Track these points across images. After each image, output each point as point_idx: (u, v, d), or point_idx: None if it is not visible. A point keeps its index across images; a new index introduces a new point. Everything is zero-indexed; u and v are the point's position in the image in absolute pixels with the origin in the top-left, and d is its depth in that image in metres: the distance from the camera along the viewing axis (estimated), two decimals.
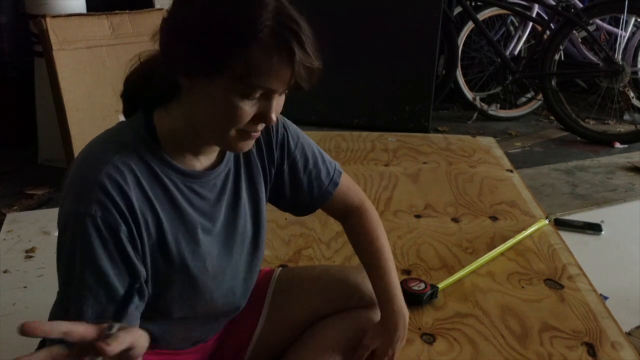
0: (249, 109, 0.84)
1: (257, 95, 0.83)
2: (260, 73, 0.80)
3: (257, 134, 0.89)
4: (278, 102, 0.87)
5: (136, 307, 0.87)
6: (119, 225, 0.84)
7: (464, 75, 3.95)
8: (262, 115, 0.85)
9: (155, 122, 0.91)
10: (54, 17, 2.48)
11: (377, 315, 1.17)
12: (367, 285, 1.18)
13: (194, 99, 0.86)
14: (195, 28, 0.81)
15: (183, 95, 0.89)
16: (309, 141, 1.14)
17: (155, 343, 0.99)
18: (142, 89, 0.93)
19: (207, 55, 0.80)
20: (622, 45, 3.67)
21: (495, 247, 1.70)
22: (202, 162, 0.96)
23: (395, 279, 1.15)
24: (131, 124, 0.92)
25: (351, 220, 1.19)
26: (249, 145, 0.91)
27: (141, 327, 0.95)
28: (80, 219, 0.82)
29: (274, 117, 0.86)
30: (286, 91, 0.87)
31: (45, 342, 1.05)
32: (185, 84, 0.85)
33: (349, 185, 1.19)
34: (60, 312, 0.86)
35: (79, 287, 0.83)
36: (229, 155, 1.01)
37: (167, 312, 0.97)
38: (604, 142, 3.53)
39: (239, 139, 0.88)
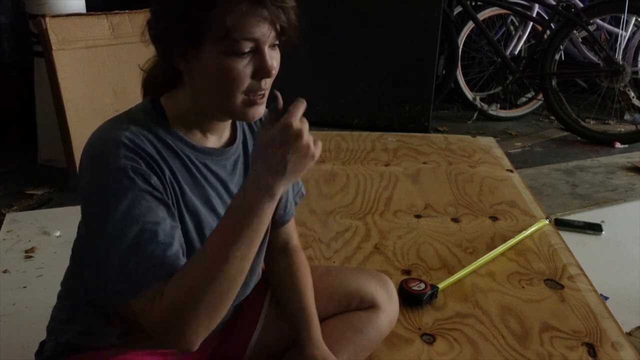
0: (242, 67, 0.86)
1: (246, 50, 0.85)
2: (238, 26, 0.83)
3: (264, 99, 0.90)
4: (273, 56, 0.89)
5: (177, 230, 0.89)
6: (150, 175, 0.86)
7: (464, 75, 3.95)
8: (260, 70, 0.87)
9: (163, 106, 0.94)
10: (53, 17, 2.48)
11: (377, 317, 1.17)
12: (368, 287, 1.19)
13: (195, 78, 0.90)
14: (173, 7, 0.87)
15: (185, 80, 0.92)
16: None
17: None
18: (152, 87, 0.99)
19: (187, 27, 0.85)
20: (623, 45, 3.66)
21: (495, 247, 1.70)
22: (212, 141, 0.98)
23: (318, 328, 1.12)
24: (139, 107, 0.95)
25: (289, 259, 1.17)
26: (259, 112, 0.91)
27: None
28: (116, 174, 0.83)
29: (272, 68, 0.87)
30: (276, 43, 0.89)
31: (45, 343, 1.05)
32: (184, 67, 0.90)
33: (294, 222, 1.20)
34: (117, 273, 0.83)
35: (127, 242, 0.83)
36: (239, 140, 1.03)
37: None
38: (604, 142, 3.53)
39: (247, 105, 0.89)
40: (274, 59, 0.89)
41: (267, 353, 1.18)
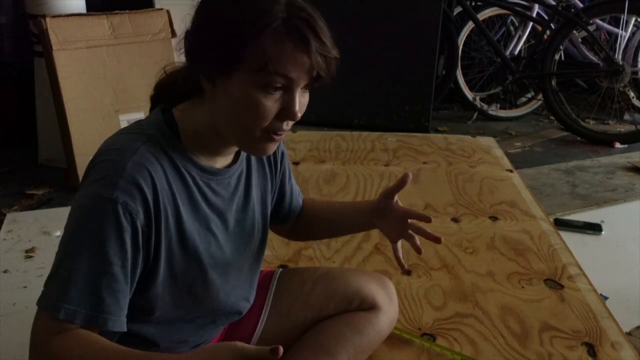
0: (271, 104, 0.85)
1: (278, 86, 0.84)
2: (277, 61, 0.82)
3: (281, 136, 0.90)
4: (302, 99, 0.89)
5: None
6: (138, 214, 0.84)
7: (464, 75, 3.95)
8: (286, 110, 0.86)
9: (176, 119, 0.93)
10: (53, 17, 2.48)
11: (377, 318, 1.17)
12: (369, 289, 1.19)
13: (217, 102, 0.88)
14: (212, 27, 0.85)
15: (206, 99, 0.91)
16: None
17: (155, 347, 0.99)
18: (165, 92, 0.98)
19: (224, 50, 0.83)
20: (622, 45, 3.67)
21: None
22: (219, 162, 0.98)
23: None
24: (151, 119, 0.94)
25: (307, 212, 1.24)
26: (273, 148, 0.92)
27: (141, 329, 0.96)
28: (102, 202, 0.83)
29: (297, 111, 0.87)
30: (308, 86, 0.88)
31: None
32: (208, 87, 0.88)
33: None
34: (58, 289, 0.83)
35: (82, 268, 0.82)
36: (243, 156, 1.03)
37: (173, 308, 0.97)
38: (604, 142, 3.53)
39: (263, 141, 0.89)
40: (302, 103, 0.89)
41: None
